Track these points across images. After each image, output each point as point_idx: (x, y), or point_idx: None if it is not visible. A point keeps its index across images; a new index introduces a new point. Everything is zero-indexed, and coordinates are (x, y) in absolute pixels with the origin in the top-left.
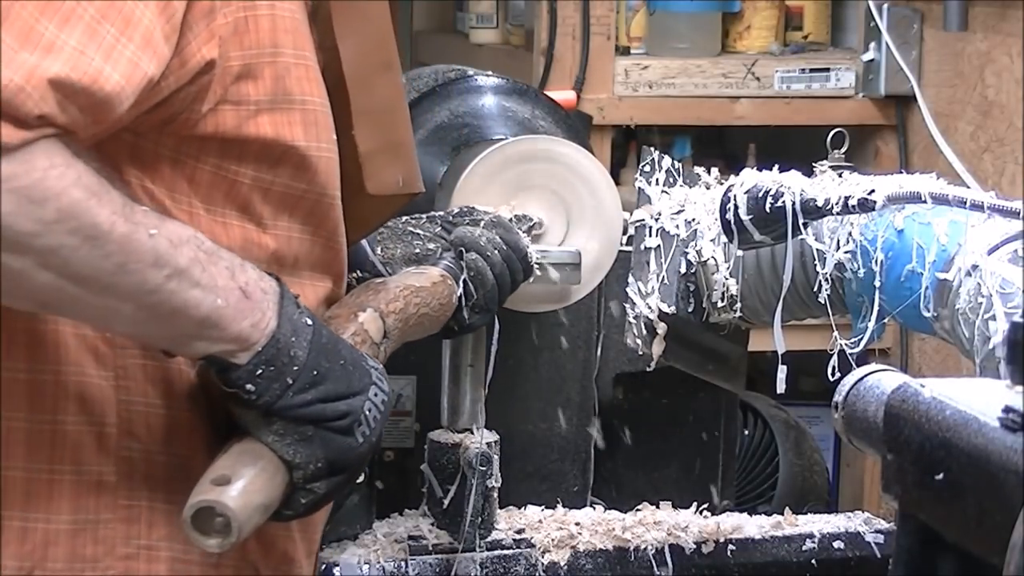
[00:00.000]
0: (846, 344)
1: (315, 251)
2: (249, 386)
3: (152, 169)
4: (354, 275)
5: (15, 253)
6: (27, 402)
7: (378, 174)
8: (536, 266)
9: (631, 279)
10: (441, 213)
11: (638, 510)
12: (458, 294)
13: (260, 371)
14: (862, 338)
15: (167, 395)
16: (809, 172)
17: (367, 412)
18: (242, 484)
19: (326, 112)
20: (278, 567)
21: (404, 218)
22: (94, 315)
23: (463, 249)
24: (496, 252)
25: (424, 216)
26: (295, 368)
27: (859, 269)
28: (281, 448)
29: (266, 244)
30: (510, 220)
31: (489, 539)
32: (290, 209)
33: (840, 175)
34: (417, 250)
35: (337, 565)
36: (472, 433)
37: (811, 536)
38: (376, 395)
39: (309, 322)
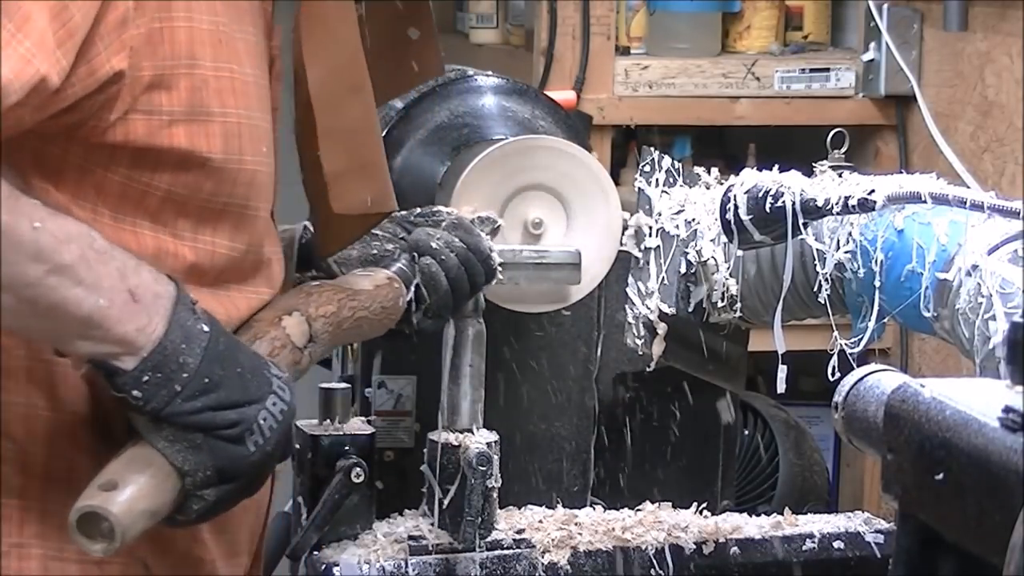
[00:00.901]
0: (846, 344)
1: (244, 263)
2: (136, 392)
3: (57, 175)
4: (308, 274)
5: None
6: None
7: (346, 194)
8: (536, 266)
9: (631, 279)
10: (403, 213)
11: (638, 510)
12: (408, 298)
13: (146, 377)
14: (862, 338)
15: (51, 397)
16: (809, 172)
17: (261, 421)
18: (129, 491)
19: (254, 124)
20: (177, 567)
21: None
22: None
23: (417, 253)
24: (453, 255)
25: None
26: (184, 375)
27: (859, 269)
28: (171, 454)
29: (183, 255)
30: (472, 221)
31: (489, 539)
32: (213, 222)
33: (840, 175)
34: (375, 251)
35: (337, 565)
36: (472, 433)
37: (811, 536)
38: (275, 404)
39: (205, 328)
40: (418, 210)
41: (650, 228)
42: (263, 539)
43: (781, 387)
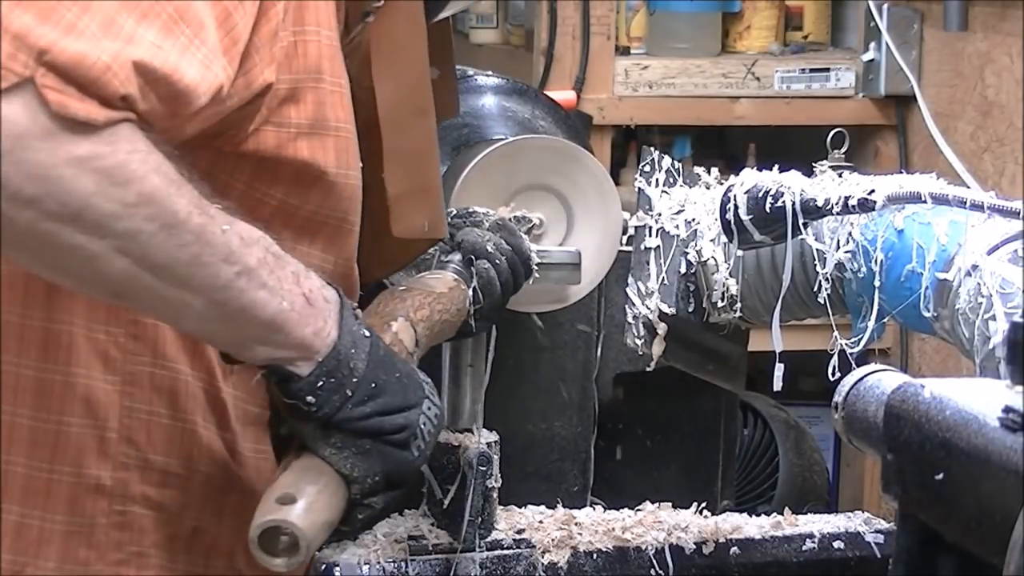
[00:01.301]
0: (846, 344)
1: (335, 275)
2: (310, 398)
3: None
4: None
5: (95, 235)
6: (34, 400)
7: (405, 217)
8: (536, 266)
9: (631, 279)
10: None
11: (638, 510)
12: (469, 299)
13: (321, 383)
14: (862, 338)
15: (171, 405)
16: (809, 172)
17: (422, 426)
18: (306, 502)
19: (355, 139)
20: (264, 570)
21: None
22: (165, 308)
23: (472, 256)
24: (503, 259)
25: None
26: (355, 380)
27: (859, 269)
28: (339, 462)
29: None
30: (510, 220)
31: (489, 539)
32: (312, 234)
33: (840, 175)
34: None
35: (337, 565)
36: (472, 433)
37: (811, 536)
38: (429, 408)
39: (367, 334)
40: (454, 211)
41: (650, 228)
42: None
43: (778, 385)
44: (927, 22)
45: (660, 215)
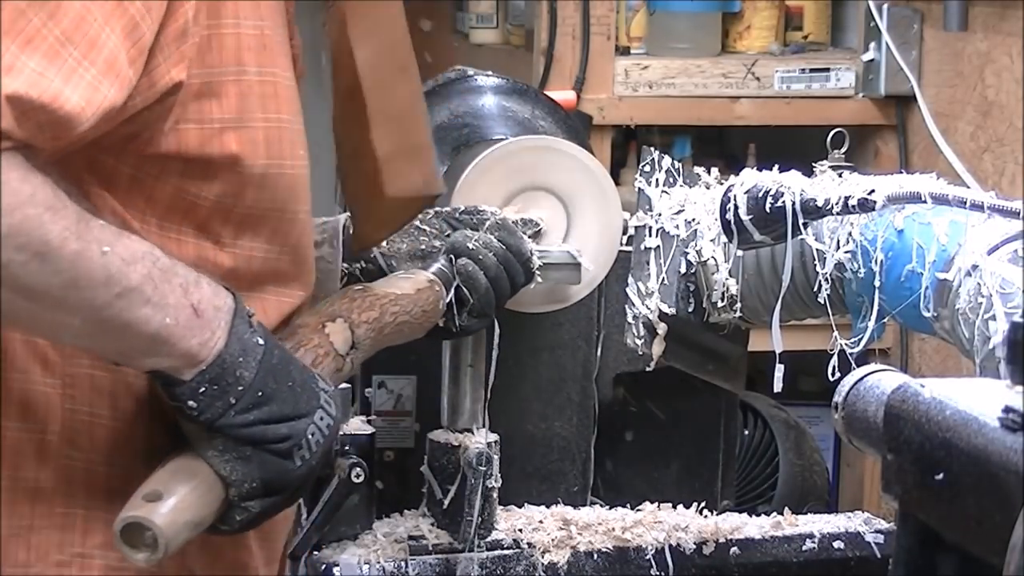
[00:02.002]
0: (846, 344)
1: (280, 266)
2: (191, 402)
3: (110, 184)
4: (358, 265)
5: None
6: None
7: (397, 177)
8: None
9: (631, 279)
10: (448, 209)
11: (638, 510)
12: (447, 299)
13: (203, 389)
14: (862, 338)
15: (113, 406)
16: (809, 172)
17: (310, 436)
18: (173, 501)
19: (294, 128)
20: (227, 573)
21: None
22: (45, 329)
23: (455, 255)
24: (491, 255)
25: (431, 212)
26: (240, 388)
27: (859, 269)
28: (219, 464)
29: (222, 262)
30: (514, 223)
31: (489, 539)
32: (253, 228)
33: (840, 175)
34: (423, 246)
35: (337, 565)
36: (472, 433)
37: (811, 536)
38: (322, 419)
39: (261, 342)
40: (462, 207)
41: (650, 228)
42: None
43: (778, 386)
44: (927, 22)
45: (660, 215)
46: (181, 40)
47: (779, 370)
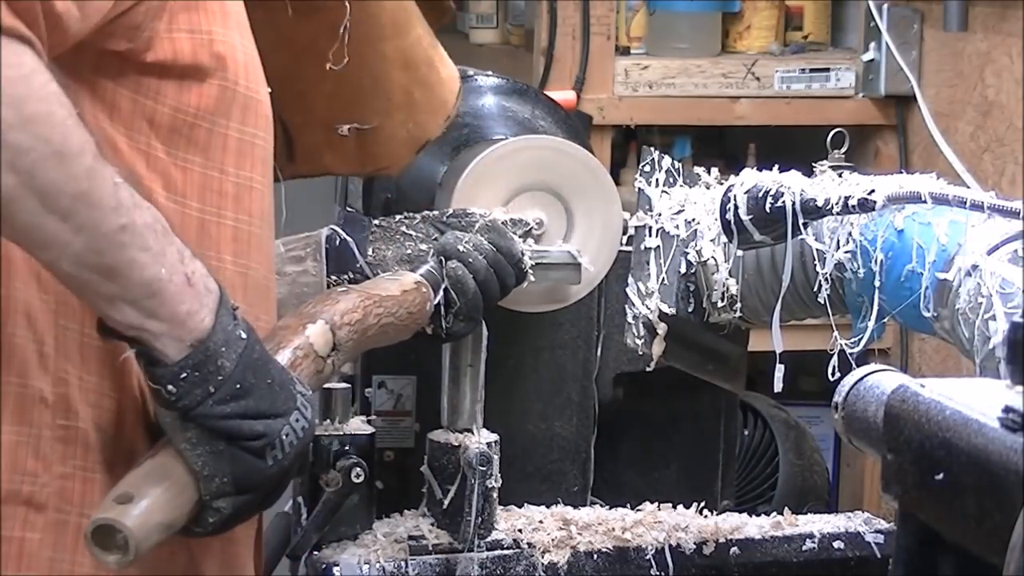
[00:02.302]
0: (846, 344)
1: (252, 200)
2: (171, 387)
3: (111, 109)
4: (345, 276)
5: None
6: None
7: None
8: (536, 266)
9: (631, 279)
10: (435, 213)
11: (638, 510)
12: (435, 302)
13: (185, 374)
14: (862, 338)
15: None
16: (809, 172)
17: (284, 436)
18: (145, 503)
19: (258, 61)
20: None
21: (397, 217)
22: (45, 240)
23: (444, 257)
24: (481, 258)
25: (418, 216)
26: (220, 378)
27: (859, 269)
28: (191, 456)
29: (226, 191)
30: (504, 224)
31: (489, 539)
32: (249, 156)
33: (840, 175)
34: (409, 251)
35: (337, 565)
36: (472, 433)
37: (811, 536)
38: (297, 421)
39: (243, 335)
40: (450, 211)
41: (650, 228)
42: (261, 533)
43: (778, 386)
44: (927, 22)
45: (660, 215)
46: None
47: (779, 370)
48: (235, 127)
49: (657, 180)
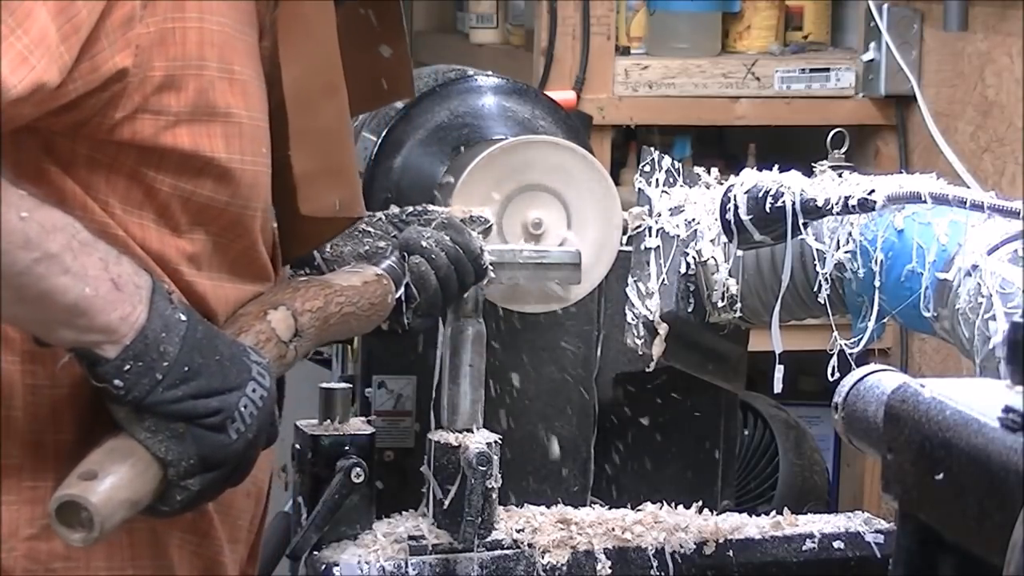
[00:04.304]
0: (846, 344)
1: (232, 257)
2: (117, 381)
3: (68, 165)
4: (302, 272)
5: None
6: None
7: (314, 196)
8: (536, 266)
9: (631, 279)
10: (395, 211)
11: (638, 510)
12: (397, 295)
13: (128, 366)
14: (862, 338)
15: (71, 375)
16: (809, 172)
17: (242, 408)
18: (110, 480)
19: (255, 125)
20: (186, 534)
21: None
22: None
23: (407, 252)
24: (442, 254)
25: (378, 214)
26: (165, 363)
27: (859, 269)
28: (153, 445)
29: (183, 248)
30: (462, 221)
31: (489, 539)
32: (210, 222)
33: (840, 175)
34: (367, 247)
35: (337, 565)
36: (472, 433)
37: (811, 536)
38: (254, 391)
39: (183, 317)
40: (410, 208)
41: (650, 228)
42: (260, 535)
43: (778, 387)
44: (927, 22)
45: (660, 215)
46: (127, 27)
47: (779, 370)
48: (201, 195)
49: (657, 180)
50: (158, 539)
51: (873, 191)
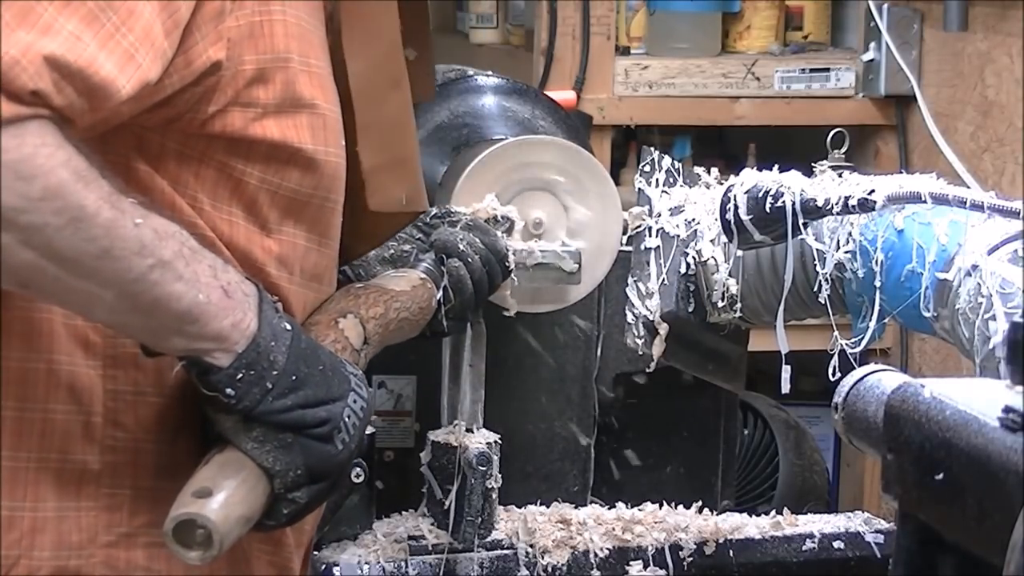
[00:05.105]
0: (846, 344)
1: (312, 256)
2: (229, 390)
3: (158, 161)
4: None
5: None
6: (18, 390)
7: (381, 191)
8: (536, 266)
9: (631, 279)
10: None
11: (638, 510)
12: (437, 298)
13: (240, 375)
14: (862, 338)
15: (157, 383)
16: (809, 172)
17: (346, 419)
18: (223, 496)
19: (335, 117)
20: (263, 543)
21: None
22: (75, 299)
23: (444, 255)
24: (476, 257)
25: None
26: (275, 373)
27: (859, 269)
28: (260, 456)
29: (270, 248)
30: (486, 221)
31: (489, 539)
32: (296, 214)
33: (840, 175)
34: (391, 251)
35: (337, 565)
36: (472, 433)
37: (811, 536)
38: (355, 401)
39: (288, 327)
40: (433, 210)
41: (650, 228)
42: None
43: (786, 387)
44: (927, 22)
45: (660, 215)
46: (219, 19)
47: (786, 371)
48: (287, 188)
49: (657, 180)
50: (236, 550)
51: (873, 191)
